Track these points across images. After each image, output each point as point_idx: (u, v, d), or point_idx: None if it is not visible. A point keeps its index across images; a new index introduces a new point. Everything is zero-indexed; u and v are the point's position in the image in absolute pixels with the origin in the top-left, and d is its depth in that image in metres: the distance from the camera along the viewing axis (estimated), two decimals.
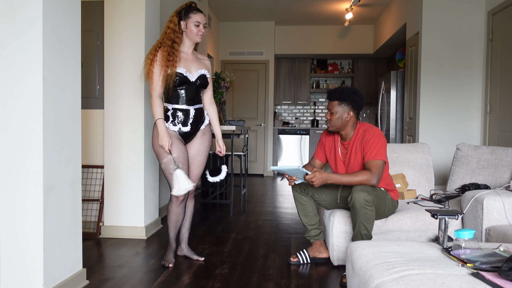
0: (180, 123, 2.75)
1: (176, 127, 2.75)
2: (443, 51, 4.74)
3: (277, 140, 8.15)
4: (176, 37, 2.73)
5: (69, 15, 2.29)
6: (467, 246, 1.63)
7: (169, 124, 2.75)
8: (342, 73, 8.62)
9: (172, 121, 2.75)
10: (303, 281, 2.59)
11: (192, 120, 2.78)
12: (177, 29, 2.73)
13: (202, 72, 2.79)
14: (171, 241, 2.89)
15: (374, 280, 1.50)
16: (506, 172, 3.03)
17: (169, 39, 2.71)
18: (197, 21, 2.73)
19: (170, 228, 2.86)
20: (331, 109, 2.71)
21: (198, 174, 2.89)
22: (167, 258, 2.85)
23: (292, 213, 4.60)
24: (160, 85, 2.70)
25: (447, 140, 4.71)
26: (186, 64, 2.75)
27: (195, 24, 2.73)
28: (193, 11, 2.75)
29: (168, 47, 2.69)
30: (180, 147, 2.73)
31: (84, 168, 3.64)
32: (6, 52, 2.07)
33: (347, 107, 2.70)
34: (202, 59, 2.88)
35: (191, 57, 2.80)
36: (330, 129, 2.77)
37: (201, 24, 2.74)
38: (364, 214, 2.43)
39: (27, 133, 2.07)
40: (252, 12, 7.26)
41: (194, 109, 2.78)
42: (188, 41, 2.79)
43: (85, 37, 3.46)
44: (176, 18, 2.74)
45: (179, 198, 2.76)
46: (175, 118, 2.75)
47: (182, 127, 2.76)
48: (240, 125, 4.86)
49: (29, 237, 2.09)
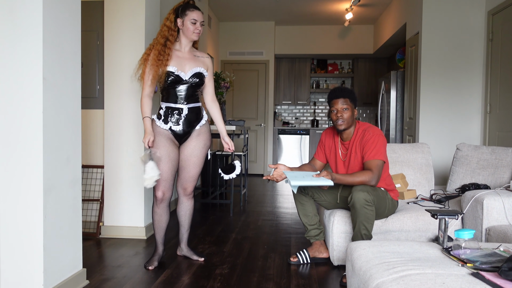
0: (171, 121, 2.70)
1: (167, 125, 2.70)
2: (443, 51, 4.74)
3: (277, 140, 8.15)
4: (170, 35, 2.68)
5: (69, 15, 2.29)
6: (467, 246, 1.64)
7: (161, 122, 2.71)
8: (342, 73, 8.62)
9: (164, 120, 2.71)
10: (303, 281, 2.59)
11: (184, 119, 2.72)
12: (172, 26, 2.69)
13: (197, 70, 2.73)
14: (157, 245, 2.84)
15: (374, 280, 1.50)
16: (506, 172, 3.03)
17: (163, 37, 2.68)
18: (194, 19, 2.67)
19: (155, 230, 2.83)
20: (344, 105, 2.68)
21: (195, 174, 2.83)
22: (150, 261, 2.81)
23: (292, 213, 4.60)
24: (149, 85, 2.69)
25: (447, 140, 4.71)
26: (179, 62, 2.70)
27: (192, 22, 2.67)
28: (190, 8, 2.69)
29: (161, 45, 2.66)
30: (166, 145, 2.69)
31: (84, 168, 3.64)
32: (6, 52, 2.07)
33: (353, 105, 2.73)
34: (200, 56, 2.81)
35: (187, 55, 2.75)
36: (343, 127, 2.70)
37: (198, 22, 2.69)
38: (364, 214, 2.43)
39: (27, 133, 2.07)
40: (252, 12, 7.26)
41: (187, 108, 2.72)
42: (184, 39, 2.73)
43: (85, 37, 3.46)
44: (172, 16, 2.70)
45: (157, 196, 2.72)
46: (167, 117, 2.71)
47: (173, 126, 2.71)
48: (240, 125, 4.86)
49: (29, 237, 2.09)
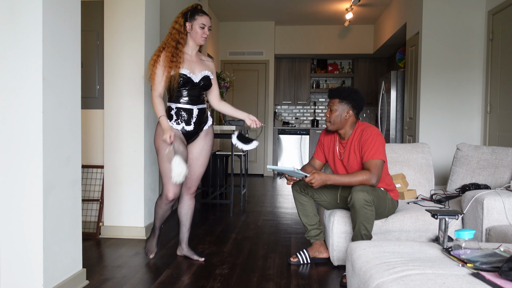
0: (183, 122, 2.77)
1: (180, 126, 2.78)
2: (443, 51, 4.74)
3: (277, 140, 8.15)
4: (180, 38, 2.75)
5: (69, 15, 2.29)
6: (467, 246, 1.63)
7: (173, 123, 2.77)
8: (342, 73, 8.62)
9: (176, 120, 2.77)
10: (303, 281, 2.59)
11: (195, 120, 2.80)
12: (182, 30, 2.75)
13: (205, 73, 2.83)
14: (156, 230, 2.97)
15: (374, 280, 1.49)
16: (506, 172, 3.03)
17: (173, 40, 2.74)
18: (203, 24, 2.75)
19: (157, 220, 2.94)
20: (331, 106, 2.73)
21: (200, 174, 2.93)
22: (148, 247, 2.97)
23: (292, 213, 4.60)
24: (163, 86, 2.72)
25: (447, 140, 4.71)
26: (190, 65, 2.77)
27: (201, 26, 2.75)
28: (199, 13, 2.77)
29: (172, 47, 2.71)
30: (181, 144, 2.75)
31: (84, 168, 3.64)
32: (6, 52, 2.06)
33: (347, 106, 2.71)
34: (206, 60, 2.91)
35: (195, 59, 2.83)
36: (329, 128, 2.77)
37: (206, 26, 2.77)
38: (364, 214, 2.43)
39: (27, 133, 2.07)
40: (252, 12, 7.26)
41: (197, 109, 2.80)
42: (192, 42, 2.81)
43: (85, 37, 3.46)
44: (181, 20, 2.76)
45: (169, 197, 2.76)
46: (179, 117, 2.77)
47: (185, 126, 2.78)
48: (240, 125, 4.86)
49: (29, 237, 2.08)
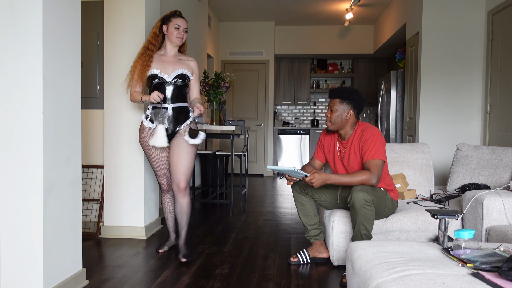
0: (158, 120, 2.84)
1: (154, 124, 2.88)
2: (443, 51, 4.74)
3: (277, 140, 8.15)
4: (153, 39, 2.96)
5: (69, 15, 2.29)
6: (467, 246, 1.63)
7: (148, 122, 2.92)
8: (342, 73, 8.62)
9: (151, 119, 2.91)
10: (303, 281, 2.59)
11: (170, 118, 2.88)
12: (157, 32, 2.96)
13: (180, 71, 2.92)
14: (169, 233, 3.21)
15: (374, 280, 1.49)
16: (506, 172, 3.03)
17: (147, 42, 2.98)
18: (178, 24, 2.93)
19: (166, 219, 3.19)
20: (332, 106, 2.74)
21: (186, 170, 2.87)
22: (161, 245, 3.18)
23: (292, 213, 4.60)
24: (134, 85, 2.97)
25: (447, 140, 4.71)
26: (163, 65, 2.92)
27: (175, 27, 2.92)
28: (175, 16, 2.97)
29: (144, 49, 2.95)
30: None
31: (84, 168, 3.64)
32: (6, 52, 2.07)
33: (347, 106, 2.71)
34: (185, 60, 3.03)
35: (171, 59, 2.96)
36: (330, 128, 2.77)
37: (181, 27, 2.94)
38: (364, 214, 2.43)
39: (27, 133, 2.07)
40: (252, 12, 7.26)
41: (172, 107, 2.87)
42: (169, 44, 2.98)
43: (85, 37, 3.46)
44: (159, 23, 2.98)
45: (164, 188, 3.08)
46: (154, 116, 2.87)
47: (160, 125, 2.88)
48: (240, 125, 4.86)
49: (29, 237, 2.09)
